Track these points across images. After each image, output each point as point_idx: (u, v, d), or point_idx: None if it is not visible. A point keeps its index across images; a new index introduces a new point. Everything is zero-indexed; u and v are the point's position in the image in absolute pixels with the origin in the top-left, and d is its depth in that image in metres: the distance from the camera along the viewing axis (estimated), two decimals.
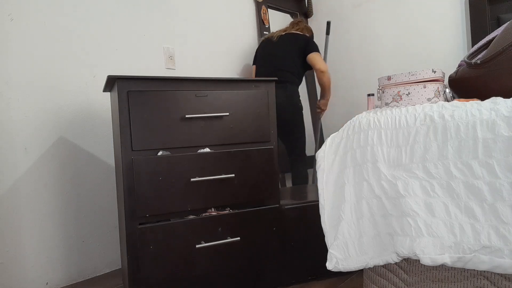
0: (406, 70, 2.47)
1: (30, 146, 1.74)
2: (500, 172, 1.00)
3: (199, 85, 1.50)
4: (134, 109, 1.39)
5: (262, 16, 2.87)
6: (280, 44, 2.40)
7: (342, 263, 1.22)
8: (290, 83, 2.34)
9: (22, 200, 1.70)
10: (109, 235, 1.99)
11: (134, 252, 1.38)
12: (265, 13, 2.89)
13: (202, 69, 2.46)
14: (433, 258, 1.04)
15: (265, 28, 2.88)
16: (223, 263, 1.52)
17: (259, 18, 2.86)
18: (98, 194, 1.95)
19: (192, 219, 1.47)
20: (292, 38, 2.40)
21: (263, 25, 2.87)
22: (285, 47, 2.38)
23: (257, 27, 2.86)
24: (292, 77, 2.35)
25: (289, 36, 2.41)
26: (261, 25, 2.86)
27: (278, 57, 2.37)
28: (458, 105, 1.16)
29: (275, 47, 2.40)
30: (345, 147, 1.33)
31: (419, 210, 1.10)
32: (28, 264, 1.71)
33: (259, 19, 2.86)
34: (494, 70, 1.29)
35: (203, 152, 1.50)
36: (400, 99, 1.43)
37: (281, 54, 2.37)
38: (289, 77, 2.34)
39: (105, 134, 1.99)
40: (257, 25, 2.86)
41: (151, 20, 2.19)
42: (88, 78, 1.93)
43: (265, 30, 2.88)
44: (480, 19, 2.35)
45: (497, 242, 0.97)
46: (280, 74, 2.31)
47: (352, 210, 1.25)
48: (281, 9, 3.08)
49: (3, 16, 1.66)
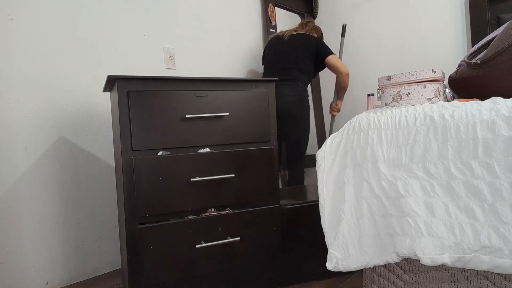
0: (406, 70, 2.47)
1: (30, 146, 1.74)
2: (500, 172, 1.00)
3: (199, 85, 1.50)
4: (134, 109, 1.39)
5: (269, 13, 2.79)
6: (291, 43, 2.40)
7: (342, 263, 1.22)
8: (300, 82, 2.35)
9: (22, 200, 1.70)
10: (109, 235, 1.99)
11: (134, 252, 1.38)
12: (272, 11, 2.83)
13: (202, 69, 2.46)
14: (433, 258, 1.04)
15: (271, 26, 2.81)
16: (223, 263, 1.52)
17: (265, 16, 2.78)
18: (98, 194, 1.95)
19: (192, 219, 1.47)
20: (303, 38, 2.41)
21: (269, 23, 2.79)
22: (296, 47, 2.38)
23: (263, 25, 2.79)
24: (303, 76, 2.35)
25: (299, 37, 2.42)
26: (268, 23, 2.78)
27: (289, 56, 2.37)
28: (458, 105, 1.16)
29: (286, 46, 2.40)
30: (345, 147, 1.33)
31: (419, 210, 1.10)
32: (28, 264, 1.71)
33: (266, 17, 2.78)
34: (494, 70, 1.29)
35: (203, 152, 1.50)
36: (400, 99, 1.43)
37: (292, 53, 2.37)
38: (299, 75, 2.34)
39: (105, 134, 1.99)
40: (263, 23, 2.80)
41: (151, 20, 2.19)
42: (88, 78, 1.93)
43: (272, 28, 2.81)
44: (480, 19, 2.35)
45: (497, 242, 0.97)
46: (291, 72, 2.32)
47: (352, 210, 1.25)
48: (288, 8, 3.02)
49: (3, 16, 1.66)
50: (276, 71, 2.36)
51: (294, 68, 2.34)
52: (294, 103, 2.31)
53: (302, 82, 2.36)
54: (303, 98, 2.36)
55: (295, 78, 2.33)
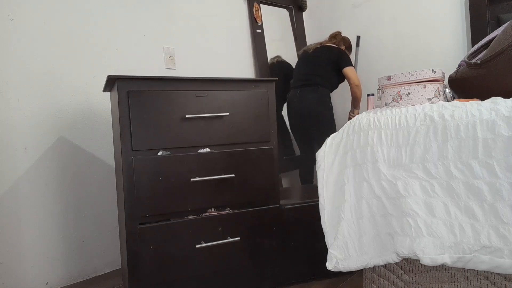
0: (406, 70, 2.47)
1: (30, 146, 1.74)
2: (500, 172, 1.00)
3: (199, 85, 1.50)
4: (134, 109, 1.39)
5: (255, 13, 2.83)
6: (314, 55, 2.58)
7: (342, 263, 1.22)
8: (321, 86, 2.50)
9: (22, 200, 1.70)
10: (109, 235, 1.99)
11: (134, 252, 1.38)
12: (257, 10, 2.85)
13: (202, 69, 2.46)
14: (433, 258, 1.04)
15: (257, 26, 2.84)
16: (223, 263, 1.52)
17: (251, 16, 2.84)
18: (98, 194, 1.95)
19: (192, 219, 1.47)
20: (325, 50, 2.57)
21: (255, 23, 2.83)
22: (318, 57, 2.56)
23: (250, 25, 2.83)
24: (323, 81, 2.51)
25: (323, 49, 2.58)
26: (254, 23, 2.82)
27: (311, 65, 2.56)
28: (458, 105, 1.16)
29: (309, 57, 2.60)
30: (345, 147, 1.33)
31: (419, 210, 1.10)
32: (28, 264, 1.71)
33: (251, 17, 2.84)
34: (494, 70, 1.29)
35: (203, 152, 1.50)
36: (400, 99, 1.43)
37: (314, 62, 2.55)
38: (320, 81, 2.50)
39: (105, 134, 1.99)
40: (249, 23, 2.84)
41: (151, 20, 2.19)
42: (88, 78, 1.92)
43: (258, 28, 2.84)
44: (480, 19, 2.35)
45: (497, 242, 0.97)
46: (312, 78, 2.51)
47: (352, 210, 1.25)
48: (274, 4, 3.01)
49: (3, 16, 1.66)
50: (298, 79, 2.58)
51: (315, 74, 2.52)
52: (315, 103, 2.48)
53: (323, 86, 2.52)
54: (323, 99, 2.51)
55: (316, 83, 2.50)
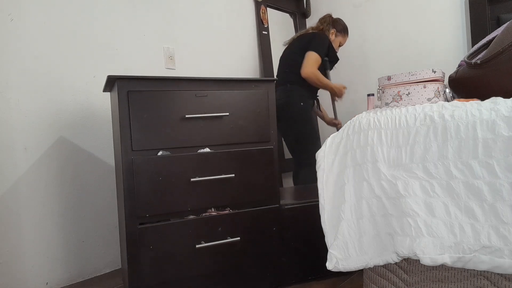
0: (406, 70, 2.47)
1: (30, 146, 1.73)
2: (500, 172, 1.00)
3: (199, 85, 1.50)
4: (134, 109, 1.39)
5: (261, 15, 2.87)
6: (288, 47, 2.45)
7: (342, 263, 1.22)
8: (289, 83, 2.34)
9: (22, 200, 1.70)
10: (109, 235, 1.99)
11: (134, 252, 1.38)
12: (264, 12, 2.89)
13: (202, 69, 2.46)
14: (433, 258, 1.04)
15: (264, 28, 2.89)
16: (223, 263, 1.52)
17: (258, 18, 2.86)
18: (98, 194, 1.95)
19: (192, 219, 1.47)
20: (298, 40, 2.42)
21: (262, 25, 2.87)
22: (291, 49, 2.41)
23: (257, 27, 2.86)
24: (294, 76, 2.32)
25: (296, 40, 2.44)
26: (260, 25, 2.86)
27: (283, 60, 2.42)
28: (458, 105, 1.16)
29: (285, 51, 2.47)
30: (345, 147, 1.33)
31: (419, 210, 1.10)
32: (28, 264, 1.71)
33: (258, 19, 2.86)
34: (494, 70, 1.29)
35: (203, 152, 1.50)
36: (400, 99, 1.43)
37: (286, 55, 2.41)
38: (288, 76, 2.34)
39: (105, 134, 1.99)
40: (256, 25, 2.86)
41: (151, 20, 2.19)
42: (88, 78, 1.92)
43: (264, 30, 2.89)
44: (480, 19, 2.35)
45: (497, 242, 0.97)
46: (282, 75, 2.36)
47: (352, 210, 1.25)
48: (280, 9, 3.07)
49: (3, 16, 1.66)
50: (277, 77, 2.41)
51: (285, 70, 2.36)
52: (280, 106, 2.26)
53: (291, 82, 2.33)
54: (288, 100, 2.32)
55: (285, 80, 2.34)
